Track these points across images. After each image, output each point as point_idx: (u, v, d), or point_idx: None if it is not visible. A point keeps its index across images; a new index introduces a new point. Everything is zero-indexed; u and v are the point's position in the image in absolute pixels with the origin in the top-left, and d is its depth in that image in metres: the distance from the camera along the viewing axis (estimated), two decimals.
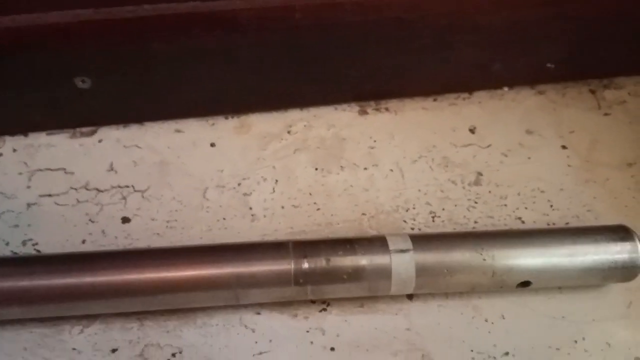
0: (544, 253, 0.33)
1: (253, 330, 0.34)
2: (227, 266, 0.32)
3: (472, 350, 0.33)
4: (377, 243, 0.33)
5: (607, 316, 0.35)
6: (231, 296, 0.32)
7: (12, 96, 0.40)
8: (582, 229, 0.35)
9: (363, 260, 0.32)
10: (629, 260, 0.33)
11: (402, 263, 0.32)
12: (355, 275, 0.32)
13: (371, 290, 0.33)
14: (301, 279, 0.32)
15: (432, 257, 0.32)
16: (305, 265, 0.32)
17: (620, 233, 0.34)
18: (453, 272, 0.32)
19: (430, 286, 0.33)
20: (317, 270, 0.32)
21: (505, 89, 0.46)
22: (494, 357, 0.33)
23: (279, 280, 0.32)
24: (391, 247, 0.32)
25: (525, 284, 0.33)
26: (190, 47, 0.39)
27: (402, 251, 0.32)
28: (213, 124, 0.44)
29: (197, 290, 0.32)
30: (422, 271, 0.32)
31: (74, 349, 0.33)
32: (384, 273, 0.32)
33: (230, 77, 0.42)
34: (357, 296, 0.33)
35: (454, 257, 0.32)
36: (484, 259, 0.32)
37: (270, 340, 0.33)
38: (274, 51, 0.41)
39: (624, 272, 0.33)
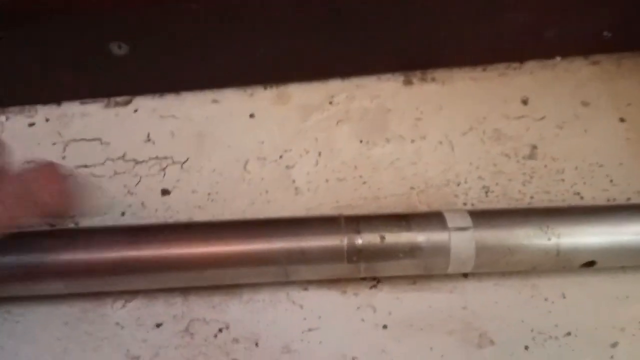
0: (610, 231, 0.31)
1: (301, 307, 0.32)
2: (277, 241, 0.30)
3: (532, 330, 0.32)
4: (434, 219, 0.31)
5: None
6: (280, 272, 0.31)
7: (43, 63, 0.39)
8: None
9: (420, 237, 0.30)
10: None
11: (462, 242, 0.30)
12: (412, 253, 0.30)
13: (427, 269, 0.31)
14: (354, 256, 0.30)
15: (493, 235, 0.30)
16: (359, 241, 0.30)
17: None
18: (515, 252, 0.30)
19: (490, 266, 0.31)
20: (371, 247, 0.30)
21: (558, 58, 0.44)
22: (556, 337, 0.31)
23: (331, 257, 0.30)
24: (450, 224, 0.30)
25: (589, 264, 0.31)
26: (228, 8, 0.37)
27: (462, 229, 0.30)
28: (251, 94, 0.42)
29: (245, 266, 0.30)
30: (482, 250, 0.30)
31: (117, 323, 0.32)
32: (442, 251, 0.30)
33: (268, 44, 0.40)
34: (412, 274, 0.32)
35: (517, 235, 0.30)
36: (549, 238, 0.30)
37: (319, 317, 0.32)
38: (314, 16, 0.39)
39: None
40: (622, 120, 0.40)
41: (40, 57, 0.38)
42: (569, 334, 0.31)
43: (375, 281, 0.33)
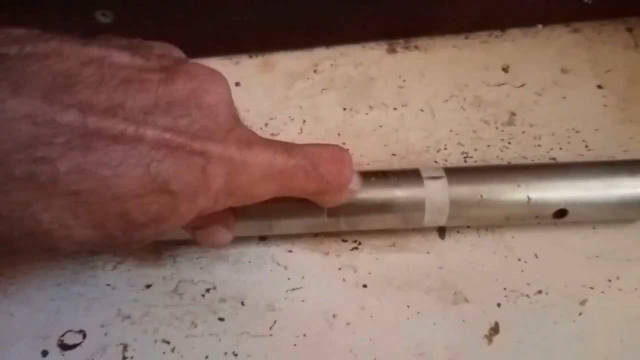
0: (580, 184, 0.32)
1: (285, 267, 0.34)
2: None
3: (505, 288, 0.33)
4: (410, 174, 0.32)
5: None
6: (265, 226, 0.32)
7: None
8: (619, 161, 0.35)
9: (397, 190, 0.31)
10: None
11: (435, 189, 0.31)
12: (389, 205, 0.31)
13: (405, 220, 0.32)
14: (334, 210, 0.31)
15: (466, 186, 0.32)
16: None
17: None
18: (487, 202, 0.32)
19: (464, 217, 0.32)
20: (349, 201, 0.31)
21: (540, 26, 0.44)
22: (527, 295, 0.33)
23: (313, 210, 0.31)
24: (424, 175, 0.32)
25: (561, 214, 0.32)
26: None
27: (435, 178, 0.31)
28: (237, 63, 0.43)
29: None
30: (455, 199, 0.31)
31: (107, 284, 0.33)
32: (418, 202, 0.31)
33: (253, 12, 0.41)
34: (391, 228, 0.33)
35: (488, 185, 0.32)
36: (519, 185, 0.32)
37: (303, 277, 0.33)
38: None
39: None
40: (600, 87, 0.41)
41: (24, 27, 0.39)
42: (540, 292, 0.33)
43: (357, 243, 0.35)
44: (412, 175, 0.32)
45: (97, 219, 0.20)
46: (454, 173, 0.32)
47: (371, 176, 0.32)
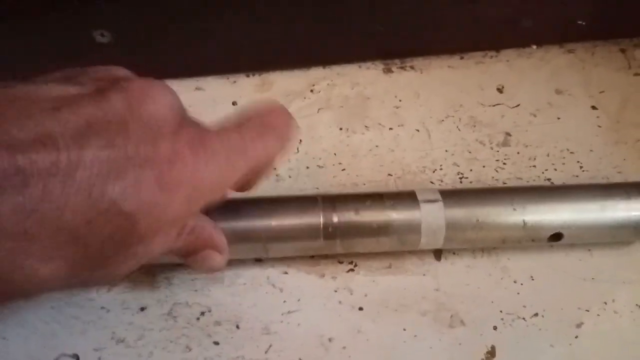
0: (575, 207, 0.32)
1: (281, 290, 0.34)
2: (257, 220, 0.31)
3: (501, 311, 0.33)
4: (406, 197, 0.32)
5: (637, 278, 0.34)
6: (260, 249, 0.32)
7: (27, 54, 0.39)
8: (615, 184, 0.35)
9: (393, 213, 0.31)
10: None
11: (431, 212, 0.31)
12: (385, 228, 0.31)
13: (401, 242, 0.32)
14: (330, 233, 0.31)
15: (461, 209, 0.32)
16: (335, 219, 0.31)
17: None
18: (483, 223, 0.32)
19: (460, 239, 0.32)
20: (346, 224, 0.31)
21: (534, 47, 0.45)
22: (523, 318, 0.33)
23: (309, 233, 0.31)
24: (420, 198, 0.32)
25: (556, 237, 0.32)
26: None
27: (431, 201, 0.31)
28: (234, 82, 0.43)
29: (228, 242, 0.31)
30: (451, 222, 0.31)
31: (102, 307, 0.33)
32: (414, 224, 0.31)
33: (251, 32, 0.41)
34: (387, 250, 0.33)
35: (484, 208, 0.32)
36: (514, 209, 0.32)
37: (299, 300, 0.33)
38: (297, 4, 0.39)
39: None
40: (594, 107, 0.42)
41: (24, 47, 0.39)
42: (536, 314, 0.33)
43: (353, 265, 0.35)
44: (408, 198, 0.32)
45: (50, 252, 0.19)
46: (450, 196, 0.32)
47: (367, 199, 0.32)
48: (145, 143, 0.21)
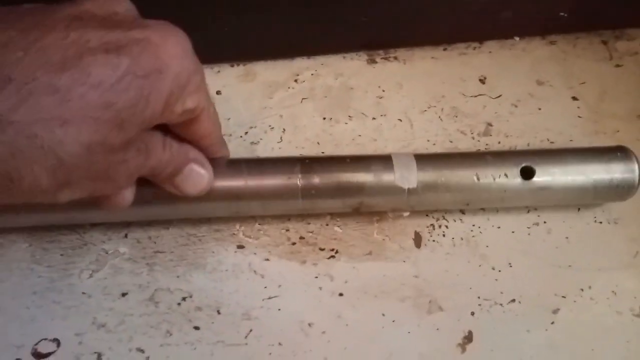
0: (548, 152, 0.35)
1: (262, 276, 0.34)
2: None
3: (478, 297, 0.34)
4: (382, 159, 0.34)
5: (613, 266, 0.35)
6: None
7: None
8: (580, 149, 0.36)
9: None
10: (626, 178, 0.34)
11: (403, 156, 0.33)
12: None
13: (375, 179, 0.33)
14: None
15: (432, 159, 0.34)
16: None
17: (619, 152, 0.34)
18: (455, 161, 0.34)
19: (434, 175, 0.33)
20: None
21: (516, 38, 0.45)
22: (501, 304, 0.33)
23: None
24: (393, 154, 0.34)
25: (529, 173, 0.33)
26: None
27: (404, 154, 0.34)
28: (218, 72, 0.43)
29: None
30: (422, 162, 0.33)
31: (83, 292, 0.33)
32: (388, 164, 0.33)
33: (236, 22, 0.41)
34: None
35: (453, 169, 0.33)
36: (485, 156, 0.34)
37: (280, 286, 0.34)
38: None
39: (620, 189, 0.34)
40: (574, 98, 0.42)
41: None
42: (513, 300, 0.33)
43: (334, 252, 0.35)
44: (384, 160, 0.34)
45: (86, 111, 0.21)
46: (423, 160, 0.34)
47: (343, 162, 0.33)
48: (133, 28, 0.23)
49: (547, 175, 0.33)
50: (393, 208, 0.35)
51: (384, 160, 0.33)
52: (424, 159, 0.33)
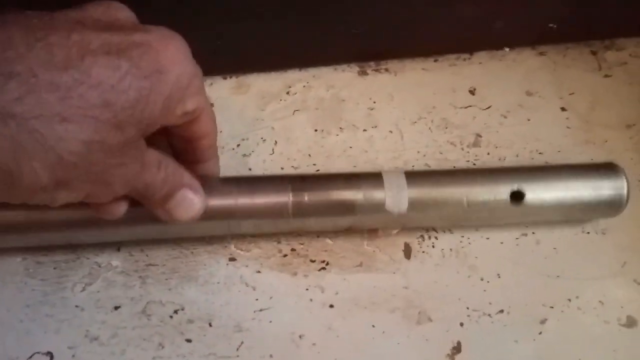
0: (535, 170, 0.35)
1: (254, 288, 0.34)
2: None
3: (467, 308, 0.34)
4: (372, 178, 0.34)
5: (601, 275, 0.35)
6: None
7: None
8: (569, 166, 0.36)
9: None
10: (614, 195, 0.34)
11: (394, 175, 0.34)
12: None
13: (365, 198, 0.33)
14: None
15: (424, 177, 0.34)
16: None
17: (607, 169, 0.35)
18: (445, 185, 0.34)
19: (424, 196, 0.33)
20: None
21: (506, 49, 0.45)
22: (489, 315, 0.34)
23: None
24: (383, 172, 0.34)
25: (518, 197, 0.33)
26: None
27: (395, 172, 0.34)
28: (211, 84, 0.43)
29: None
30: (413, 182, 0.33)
31: (76, 306, 0.33)
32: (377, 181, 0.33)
33: (228, 34, 0.41)
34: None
35: (446, 177, 0.34)
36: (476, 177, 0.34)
37: (271, 297, 0.34)
38: (273, 8, 0.40)
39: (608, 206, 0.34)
40: (563, 109, 0.42)
41: None
42: (501, 311, 0.34)
43: (325, 264, 0.35)
44: (374, 178, 0.34)
45: (84, 110, 0.22)
46: (414, 177, 0.34)
47: (335, 179, 0.33)
48: (135, 32, 0.24)
49: (536, 196, 0.33)
50: (384, 227, 0.35)
51: (375, 180, 0.33)
52: (415, 180, 0.33)
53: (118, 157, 0.24)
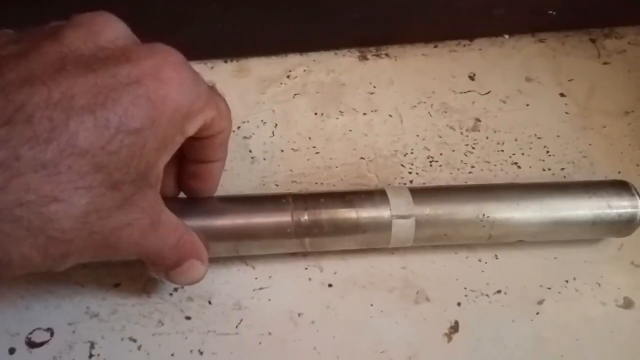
0: (542, 210, 0.33)
1: (253, 267, 0.35)
2: (227, 218, 0.31)
3: (465, 288, 0.34)
4: (378, 198, 0.32)
5: (598, 258, 0.36)
6: (230, 248, 0.32)
7: None
8: (582, 183, 0.35)
9: (363, 215, 0.32)
10: (629, 215, 0.33)
11: (403, 226, 0.32)
12: (355, 230, 0.32)
13: (369, 244, 0.33)
14: (300, 232, 0.32)
15: (432, 220, 0.32)
16: (305, 217, 0.32)
17: (619, 187, 0.34)
18: (451, 236, 0.33)
19: (429, 241, 0.34)
20: (316, 223, 0.32)
21: (506, 36, 0.46)
22: (487, 295, 0.34)
23: (279, 233, 0.32)
24: (393, 211, 0.32)
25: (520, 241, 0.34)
26: None
27: (403, 217, 0.32)
28: (212, 67, 0.44)
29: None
30: (421, 231, 0.33)
31: (77, 283, 0.34)
32: (384, 229, 0.32)
33: (229, 18, 0.42)
34: (357, 248, 0.34)
35: (455, 219, 0.32)
36: (483, 226, 0.33)
37: (270, 277, 0.34)
38: None
39: (623, 226, 0.33)
40: (562, 95, 0.43)
41: None
42: (499, 291, 0.34)
43: None
44: (379, 201, 0.32)
45: (75, 182, 0.20)
46: (421, 199, 0.33)
47: (338, 199, 0.32)
48: (122, 64, 0.22)
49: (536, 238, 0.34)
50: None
51: (380, 199, 0.32)
52: (421, 197, 0.33)
53: (122, 217, 0.22)
